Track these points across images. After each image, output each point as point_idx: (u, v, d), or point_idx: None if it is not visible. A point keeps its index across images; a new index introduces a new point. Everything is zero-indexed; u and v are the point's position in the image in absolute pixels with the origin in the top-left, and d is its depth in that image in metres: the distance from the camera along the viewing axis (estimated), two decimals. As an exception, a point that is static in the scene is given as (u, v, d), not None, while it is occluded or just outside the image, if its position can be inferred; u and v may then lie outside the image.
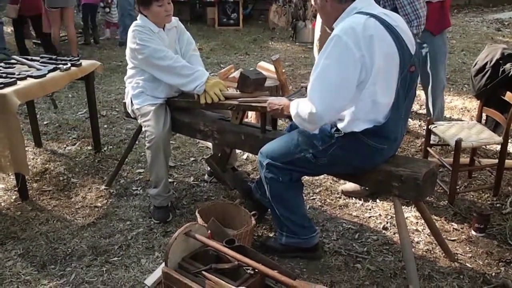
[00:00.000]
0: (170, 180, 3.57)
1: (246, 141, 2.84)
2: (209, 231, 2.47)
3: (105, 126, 4.77)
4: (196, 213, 2.81)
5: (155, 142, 2.99)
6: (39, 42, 8.18)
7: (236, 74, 4.76)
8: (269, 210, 2.85)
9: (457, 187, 3.30)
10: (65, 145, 4.34)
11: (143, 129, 3.11)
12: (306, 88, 2.79)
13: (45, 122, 4.86)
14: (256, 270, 2.14)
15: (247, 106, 2.85)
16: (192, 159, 4.03)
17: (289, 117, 2.52)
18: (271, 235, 2.95)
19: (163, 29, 3.09)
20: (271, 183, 2.56)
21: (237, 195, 3.35)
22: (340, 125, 2.31)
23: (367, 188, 3.24)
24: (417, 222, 3.06)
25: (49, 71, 3.54)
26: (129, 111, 3.26)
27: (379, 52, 2.14)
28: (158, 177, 3.07)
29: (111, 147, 4.29)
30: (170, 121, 3.09)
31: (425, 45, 3.86)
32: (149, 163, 3.08)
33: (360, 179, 2.51)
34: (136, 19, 3.08)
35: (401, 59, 2.20)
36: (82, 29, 8.70)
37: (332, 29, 2.28)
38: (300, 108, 2.31)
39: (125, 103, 3.31)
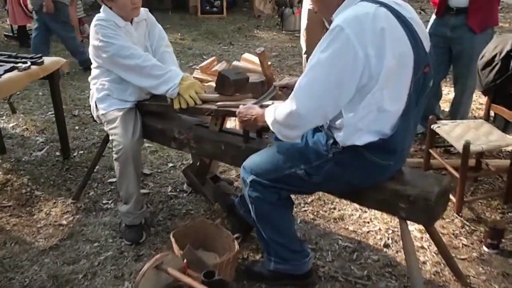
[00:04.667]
0: (145, 191, 3.22)
1: (227, 152, 2.47)
2: (184, 261, 2.13)
3: (77, 127, 4.37)
4: (171, 237, 2.44)
5: (123, 153, 2.61)
6: (11, 35, 7.70)
7: (219, 67, 4.38)
8: (254, 228, 2.49)
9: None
10: (31, 151, 3.94)
11: (110, 137, 2.74)
12: (280, 88, 2.41)
13: (10, 125, 4.44)
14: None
15: (227, 111, 2.48)
16: (171, 165, 3.66)
17: (265, 128, 2.14)
18: (258, 257, 2.60)
19: (131, 22, 2.70)
20: (256, 202, 2.19)
21: (219, 208, 2.99)
22: (338, 137, 1.94)
23: None
24: (421, 237, 2.72)
25: (5, 71, 3.14)
26: (95, 116, 2.88)
27: (390, 49, 1.75)
28: (128, 192, 2.70)
29: (82, 152, 3.90)
30: (141, 128, 2.71)
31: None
32: (117, 176, 2.70)
33: (360, 198, 2.14)
34: None
35: (415, 58, 1.82)
36: None
37: (330, 22, 1.89)
38: (278, 111, 1.94)
39: (90, 106, 2.93)
